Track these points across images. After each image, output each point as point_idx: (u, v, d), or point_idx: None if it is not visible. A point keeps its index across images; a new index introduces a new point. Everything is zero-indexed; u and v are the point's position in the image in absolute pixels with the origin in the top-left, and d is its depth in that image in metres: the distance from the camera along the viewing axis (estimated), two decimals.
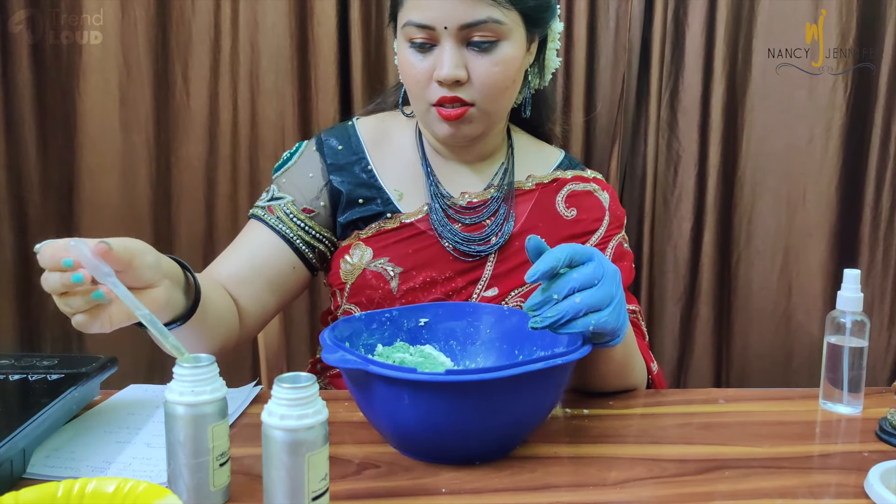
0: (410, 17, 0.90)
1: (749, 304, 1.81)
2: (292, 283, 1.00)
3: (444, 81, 0.90)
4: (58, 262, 0.64)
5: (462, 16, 0.88)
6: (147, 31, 1.65)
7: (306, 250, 1.00)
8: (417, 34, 0.90)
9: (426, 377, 0.65)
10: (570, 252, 0.71)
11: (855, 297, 0.84)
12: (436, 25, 0.89)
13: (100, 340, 1.72)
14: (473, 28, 0.89)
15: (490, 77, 0.91)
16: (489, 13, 0.88)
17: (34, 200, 1.69)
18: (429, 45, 0.91)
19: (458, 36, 0.89)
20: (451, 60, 0.89)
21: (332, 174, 1.01)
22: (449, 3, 0.88)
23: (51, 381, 0.76)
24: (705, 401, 0.91)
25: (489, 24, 0.89)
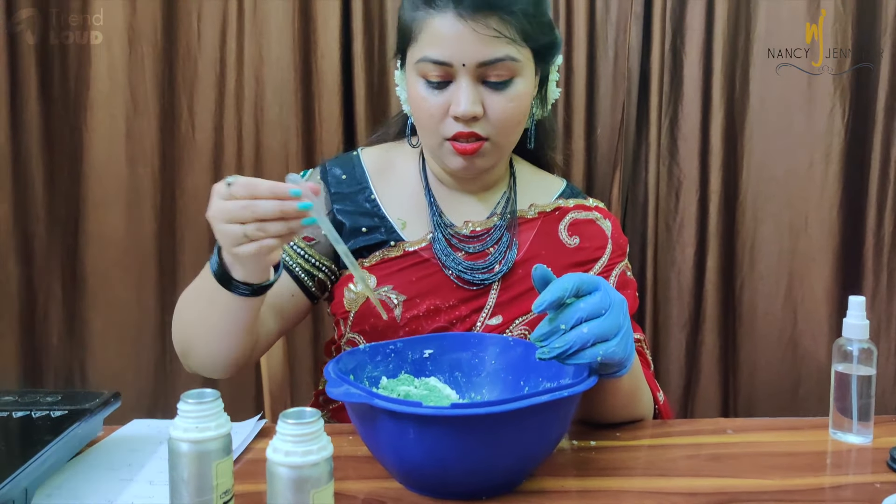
0: (426, 54, 0.91)
1: (755, 330, 1.80)
2: (291, 309, 1.01)
3: (462, 118, 0.91)
4: (281, 191, 0.72)
5: (480, 54, 0.89)
6: (154, 67, 1.68)
7: (305, 278, 1.00)
8: (433, 71, 0.91)
9: (431, 411, 0.65)
10: (577, 282, 0.71)
11: (861, 324, 0.84)
12: (454, 63, 0.90)
13: (103, 373, 1.73)
14: (490, 66, 0.90)
15: (505, 113, 0.92)
16: (506, 51, 0.90)
17: (40, 234, 1.70)
18: (444, 82, 0.92)
19: (475, 73, 0.90)
20: (469, 97, 0.90)
21: (335, 203, 1.01)
22: (467, 41, 0.88)
23: (54, 417, 0.75)
24: (713, 431, 0.90)
25: (506, 62, 0.90)
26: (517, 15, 0.90)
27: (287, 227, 0.73)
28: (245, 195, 0.72)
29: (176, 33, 1.68)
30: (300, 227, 0.74)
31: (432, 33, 0.90)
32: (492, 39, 0.89)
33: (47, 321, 1.72)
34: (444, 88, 0.92)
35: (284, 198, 0.72)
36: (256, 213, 0.72)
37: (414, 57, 0.93)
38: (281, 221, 0.73)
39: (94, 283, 1.70)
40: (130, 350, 1.72)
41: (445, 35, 0.89)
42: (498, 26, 0.89)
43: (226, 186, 0.73)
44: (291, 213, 0.72)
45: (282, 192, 0.72)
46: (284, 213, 0.72)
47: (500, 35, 0.89)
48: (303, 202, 0.72)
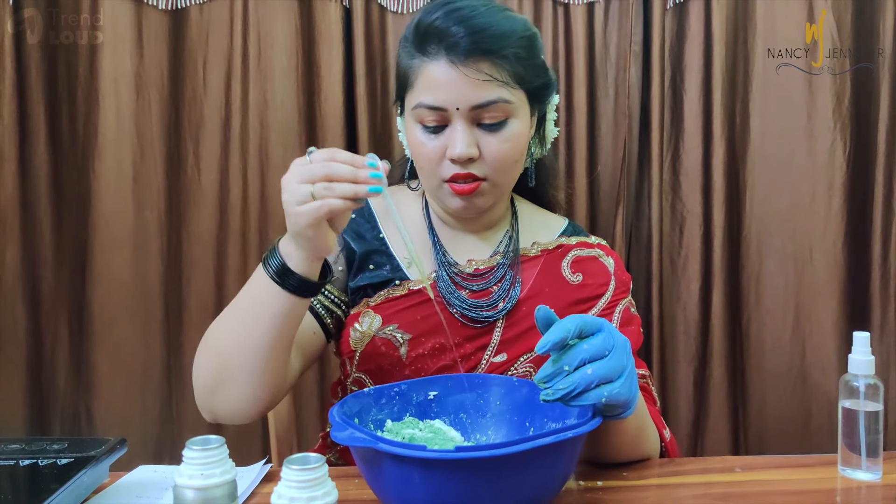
0: (422, 100, 0.93)
1: (763, 364, 1.79)
2: (312, 347, 1.00)
3: (458, 160, 0.92)
4: (359, 160, 0.77)
5: (473, 98, 0.91)
6: (160, 112, 1.71)
7: (325, 315, 1.01)
8: (429, 116, 0.93)
9: (436, 455, 0.65)
10: (580, 323, 0.71)
11: (866, 360, 0.84)
12: (448, 107, 0.92)
13: (109, 417, 1.72)
14: (484, 109, 0.92)
15: (501, 153, 0.94)
16: (499, 94, 0.92)
17: (47, 278, 1.71)
18: (440, 126, 0.94)
19: (469, 116, 0.92)
20: (464, 140, 0.92)
21: (346, 237, 1.03)
22: (460, 86, 0.90)
23: (60, 465, 0.75)
24: (722, 469, 0.89)
25: (499, 105, 0.92)
26: (509, 59, 0.92)
27: (353, 189, 0.75)
28: (324, 156, 0.77)
29: (181, 78, 1.71)
30: (366, 193, 0.76)
31: (427, 80, 0.92)
32: (484, 83, 0.91)
33: (54, 364, 1.73)
34: (441, 132, 0.94)
35: (360, 165, 0.76)
36: (329, 172, 0.75)
37: (411, 103, 0.95)
38: (348, 184, 0.75)
39: (101, 326, 1.71)
40: (136, 393, 1.72)
41: (439, 81, 0.91)
42: (490, 70, 0.91)
43: (307, 155, 0.78)
44: (362, 178, 0.76)
45: (359, 161, 0.77)
46: (356, 176, 0.75)
47: (491, 79, 0.91)
48: (376, 171, 0.76)
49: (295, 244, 0.81)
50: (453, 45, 0.90)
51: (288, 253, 0.82)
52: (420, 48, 0.93)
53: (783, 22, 1.73)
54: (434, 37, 0.91)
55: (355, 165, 0.76)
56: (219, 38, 1.70)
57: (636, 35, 1.72)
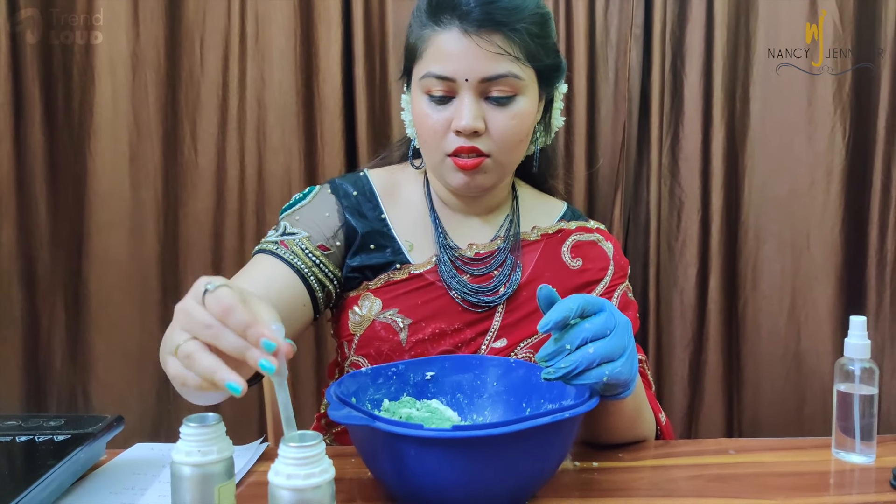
0: (431, 69, 0.92)
1: (758, 349, 1.79)
2: (298, 321, 0.97)
3: (463, 132, 0.91)
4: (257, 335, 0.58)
5: (483, 69, 0.90)
6: (157, 91, 1.70)
7: (318, 288, 0.97)
8: (437, 86, 0.92)
9: (432, 433, 0.65)
10: (582, 302, 0.71)
11: (862, 344, 0.84)
12: (457, 77, 0.91)
13: (106, 397, 1.73)
14: (493, 82, 0.91)
15: (507, 130, 0.93)
16: (509, 68, 0.91)
17: (43, 258, 1.71)
18: (447, 97, 0.93)
19: (478, 89, 0.91)
20: (471, 112, 0.91)
21: (348, 215, 1.01)
22: (471, 57, 0.90)
23: (57, 442, 0.75)
24: (716, 451, 0.90)
25: (508, 79, 0.91)
26: (521, 34, 0.91)
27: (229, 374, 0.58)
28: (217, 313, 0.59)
29: (178, 58, 1.70)
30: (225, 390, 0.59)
31: (437, 49, 0.91)
32: (495, 56, 0.90)
33: (50, 344, 1.73)
34: (448, 104, 0.93)
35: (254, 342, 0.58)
36: (217, 342, 0.59)
37: (419, 73, 0.94)
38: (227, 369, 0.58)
39: (97, 307, 1.71)
40: (133, 373, 1.72)
41: (449, 51, 0.90)
42: (502, 43, 0.90)
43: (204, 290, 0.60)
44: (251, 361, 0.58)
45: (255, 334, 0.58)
46: (239, 353, 0.58)
47: (503, 52, 0.90)
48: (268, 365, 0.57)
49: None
50: (466, 14, 0.89)
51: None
52: (432, 17, 0.92)
53: (786, 9, 1.72)
54: (448, 6, 0.90)
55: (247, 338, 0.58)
56: (216, 18, 1.69)
57: (637, 18, 1.71)
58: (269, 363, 0.57)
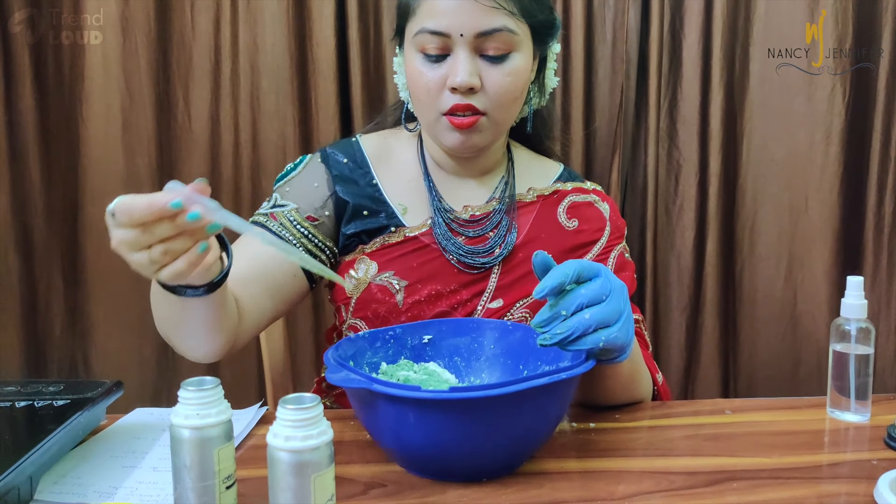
0: (424, 25, 0.90)
1: (755, 312, 1.80)
2: (291, 290, 0.98)
3: (459, 88, 0.90)
4: (159, 209, 0.61)
5: (478, 24, 0.89)
6: (148, 55, 1.67)
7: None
8: (431, 42, 0.91)
9: (430, 395, 0.65)
10: (578, 268, 0.71)
11: (859, 304, 0.84)
12: (451, 33, 0.89)
13: (105, 363, 1.73)
14: (488, 37, 0.89)
15: (503, 86, 0.92)
16: (504, 22, 0.89)
17: (38, 226, 1.70)
18: (441, 55, 0.91)
19: (473, 44, 0.90)
20: (466, 68, 0.90)
21: (337, 185, 1.01)
22: (465, 12, 0.88)
23: (57, 406, 0.76)
24: (712, 412, 0.91)
25: (503, 34, 0.90)
26: None
27: (189, 243, 0.65)
28: (130, 223, 0.63)
29: (169, 22, 1.67)
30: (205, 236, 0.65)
31: (431, 5, 0.90)
32: (490, 10, 0.89)
33: (49, 313, 1.73)
34: (442, 62, 0.91)
35: (168, 214, 0.62)
36: (153, 238, 0.63)
37: (412, 31, 0.93)
38: (184, 237, 0.64)
39: (95, 274, 1.71)
40: (132, 340, 1.73)
41: (444, 6, 0.89)
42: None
43: (112, 217, 0.63)
44: (188, 227, 0.63)
45: (162, 209, 0.61)
46: (179, 229, 0.63)
47: (498, 6, 0.89)
48: (190, 212, 0.62)
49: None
50: None
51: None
52: None
53: None
54: None
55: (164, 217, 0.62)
56: None
57: None
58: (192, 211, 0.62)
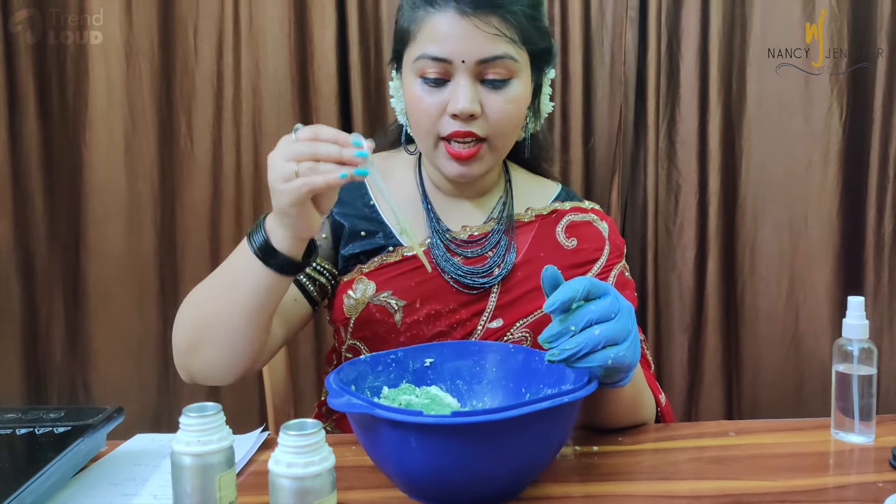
0: (426, 51, 0.91)
1: (757, 331, 1.80)
2: (294, 315, 1.00)
3: (460, 115, 0.91)
4: (344, 138, 0.74)
5: (481, 51, 0.89)
6: (151, 81, 1.69)
7: (307, 282, 0.99)
8: (431, 68, 0.91)
9: (432, 420, 0.65)
10: (588, 285, 0.71)
11: (860, 324, 0.84)
12: (453, 59, 0.90)
13: (106, 389, 1.73)
14: (489, 64, 0.90)
15: (503, 113, 0.93)
16: (506, 49, 0.90)
17: (40, 251, 1.71)
18: (441, 80, 0.92)
19: (474, 71, 0.90)
20: (468, 95, 0.90)
21: (335, 206, 1.00)
22: (468, 38, 0.89)
23: (57, 434, 0.75)
24: (716, 434, 0.90)
25: (505, 61, 0.90)
26: (517, 15, 0.90)
27: (337, 170, 0.74)
28: (309, 135, 0.75)
29: (172, 48, 1.69)
30: (350, 175, 0.74)
31: (432, 31, 0.90)
32: (492, 37, 0.89)
33: (50, 337, 1.73)
34: (442, 87, 0.92)
35: (345, 142, 0.74)
36: (314, 151, 0.74)
37: (412, 55, 0.93)
38: (332, 164, 0.74)
39: (96, 299, 1.71)
40: (133, 365, 1.73)
41: (446, 32, 0.89)
42: (498, 25, 0.89)
43: (293, 133, 0.76)
44: (347, 158, 0.74)
45: (343, 139, 0.74)
46: (341, 157, 0.74)
47: (500, 34, 0.89)
48: (361, 151, 0.74)
49: (279, 222, 0.80)
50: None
51: (272, 230, 0.81)
52: (427, 0, 0.91)
53: None
54: None
55: (340, 144, 0.74)
56: (209, 6, 1.68)
57: (632, 0, 1.69)
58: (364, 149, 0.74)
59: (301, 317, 1.01)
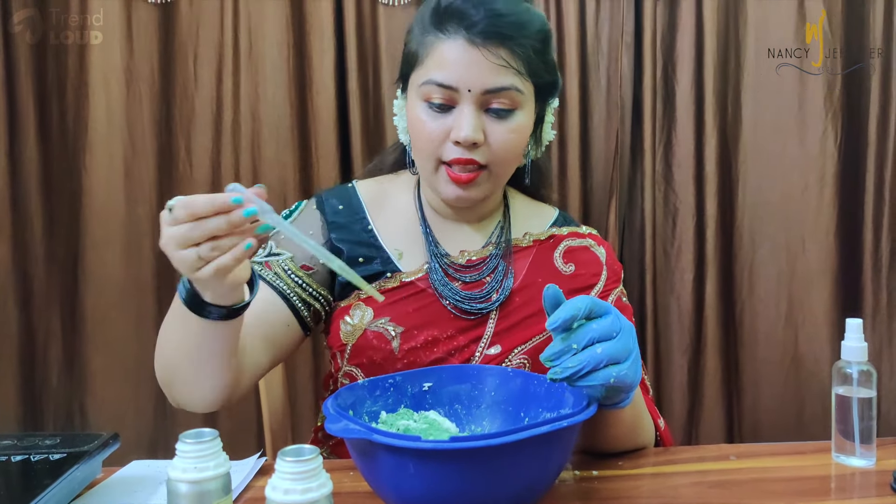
0: (432, 76, 0.91)
1: (756, 353, 1.79)
2: (285, 340, 0.98)
3: (463, 143, 0.91)
4: (220, 203, 0.66)
5: (487, 81, 0.90)
6: (151, 107, 1.70)
7: (301, 307, 0.98)
8: (437, 94, 0.91)
9: (431, 445, 0.64)
10: (590, 303, 0.71)
11: (859, 346, 0.84)
12: (459, 87, 0.90)
13: (103, 413, 1.72)
14: (495, 94, 0.91)
15: (507, 143, 0.93)
16: (512, 81, 0.91)
17: (39, 275, 1.70)
18: (446, 105, 0.92)
19: (479, 100, 0.91)
20: (472, 123, 0.90)
21: (332, 232, 1.01)
22: (475, 67, 0.90)
23: (53, 460, 0.75)
24: (717, 457, 0.89)
25: (510, 92, 0.91)
26: (526, 48, 0.91)
27: (241, 241, 0.69)
28: (187, 217, 0.67)
29: (173, 73, 1.70)
30: (256, 237, 0.69)
31: (440, 57, 0.91)
32: (499, 68, 0.90)
33: (46, 361, 1.72)
34: (446, 112, 0.92)
35: (227, 209, 0.67)
36: (205, 233, 0.67)
37: (418, 80, 0.93)
38: (233, 236, 0.68)
39: (93, 323, 1.70)
40: (130, 389, 1.72)
41: (454, 59, 0.90)
42: (506, 56, 0.90)
43: (168, 213, 0.68)
44: (239, 223, 0.67)
45: (222, 204, 0.66)
46: (232, 226, 0.67)
47: (507, 65, 0.90)
48: (247, 209, 0.67)
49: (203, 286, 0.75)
50: (473, 25, 0.89)
51: (199, 287, 0.76)
52: (437, 25, 0.92)
53: (774, 14, 1.74)
54: (454, 16, 0.90)
55: (224, 212, 0.67)
56: (209, 32, 1.69)
57: (628, 26, 1.72)
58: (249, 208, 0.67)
59: (292, 342, 1.00)
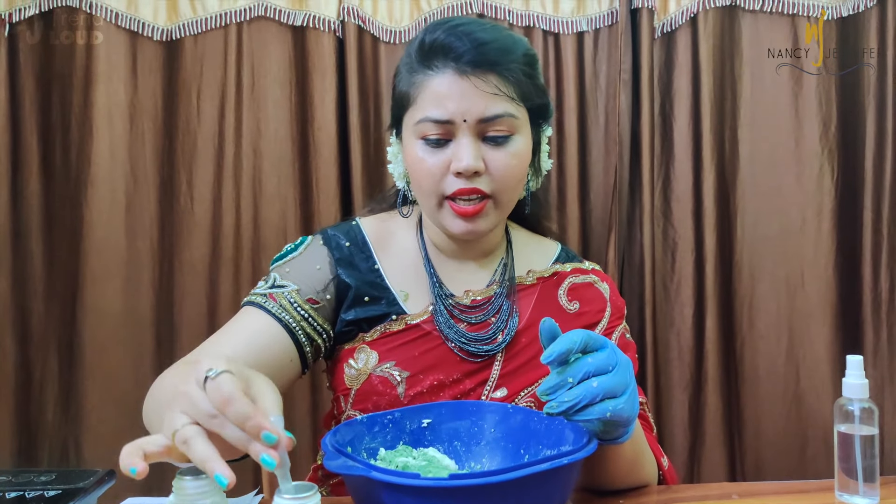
0: (428, 114, 0.92)
1: (758, 389, 1.78)
2: (285, 375, 0.94)
3: (465, 173, 0.91)
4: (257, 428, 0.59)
5: (481, 109, 0.91)
6: (154, 142, 1.72)
7: (305, 342, 0.95)
8: (433, 130, 0.92)
9: (429, 483, 0.64)
10: (585, 337, 0.71)
11: (860, 383, 0.83)
12: (455, 119, 0.91)
13: (98, 449, 1.70)
14: (490, 122, 0.91)
15: (508, 168, 0.93)
16: (506, 107, 0.92)
17: (37, 309, 1.70)
18: (443, 140, 0.93)
19: (475, 129, 0.92)
20: (471, 152, 0.91)
21: (339, 268, 1.00)
22: (468, 97, 0.90)
23: (48, 497, 0.74)
24: (719, 496, 0.88)
25: (506, 118, 0.92)
26: (515, 73, 0.92)
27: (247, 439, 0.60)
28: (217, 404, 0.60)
29: (176, 108, 1.72)
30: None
31: (432, 93, 0.92)
32: (492, 96, 0.91)
33: (43, 396, 1.71)
34: (444, 146, 0.93)
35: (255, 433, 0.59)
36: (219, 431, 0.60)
37: (413, 119, 0.94)
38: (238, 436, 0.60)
39: (91, 357, 1.69)
40: (126, 425, 1.70)
41: (446, 93, 0.91)
42: (497, 83, 0.91)
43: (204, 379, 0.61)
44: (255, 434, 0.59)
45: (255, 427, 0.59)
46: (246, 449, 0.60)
47: (499, 92, 0.91)
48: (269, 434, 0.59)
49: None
50: (460, 57, 0.90)
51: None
52: (425, 63, 0.93)
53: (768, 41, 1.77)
54: (440, 51, 0.91)
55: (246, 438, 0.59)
56: (213, 69, 1.72)
57: (625, 63, 1.74)
58: (270, 458, 0.59)
59: (290, 378, 0.97)
